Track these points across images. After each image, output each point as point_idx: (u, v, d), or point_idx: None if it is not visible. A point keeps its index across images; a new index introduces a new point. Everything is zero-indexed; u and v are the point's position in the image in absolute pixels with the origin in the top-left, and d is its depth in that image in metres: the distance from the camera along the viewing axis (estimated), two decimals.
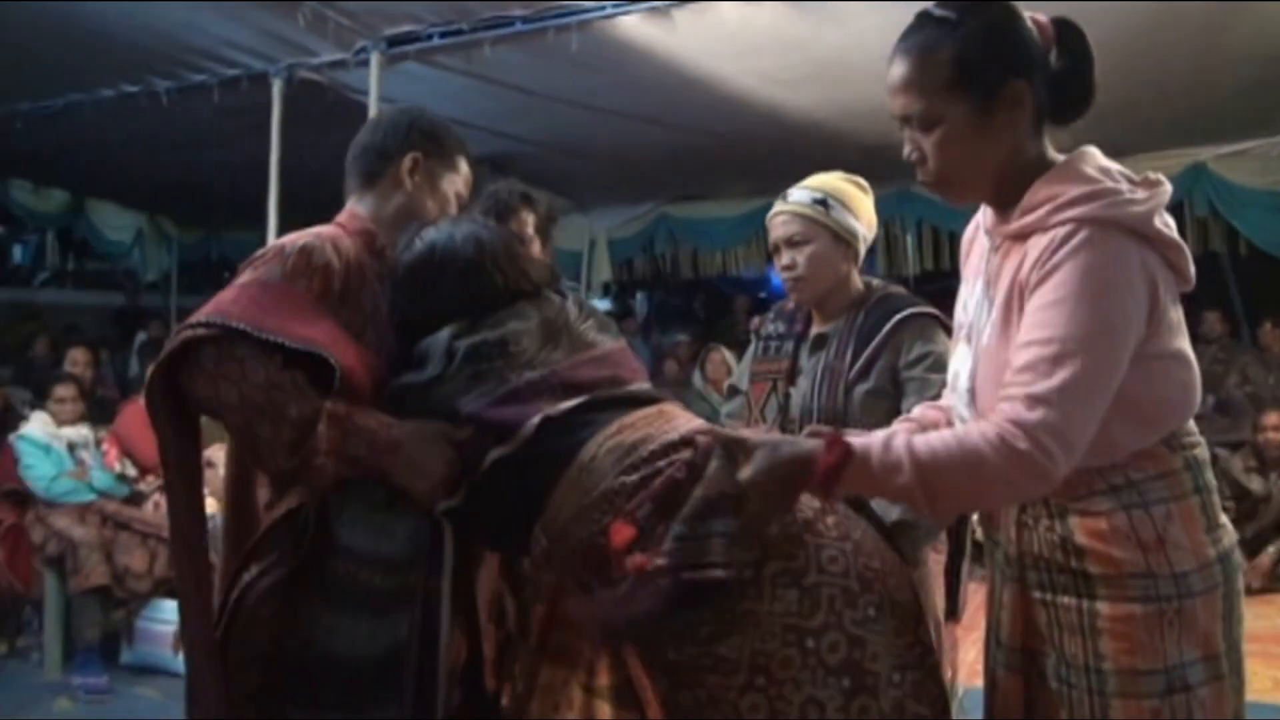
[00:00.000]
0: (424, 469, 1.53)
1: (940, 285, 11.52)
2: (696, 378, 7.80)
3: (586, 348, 1.66)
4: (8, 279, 11.05)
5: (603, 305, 10.31)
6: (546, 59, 4.98)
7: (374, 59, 5.10)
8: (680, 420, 1.58)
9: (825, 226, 2.28)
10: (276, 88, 5.40)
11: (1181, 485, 1.37)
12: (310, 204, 5.67)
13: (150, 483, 5.00)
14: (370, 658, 1.55)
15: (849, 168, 2.42)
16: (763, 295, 12.03)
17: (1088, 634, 1.36)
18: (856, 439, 1.35)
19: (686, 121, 5.95)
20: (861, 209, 2.36)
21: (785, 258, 2.31)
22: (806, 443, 1.37)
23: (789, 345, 2.42)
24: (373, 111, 5.19)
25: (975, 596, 5.05)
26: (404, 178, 1.80)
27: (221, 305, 1.46)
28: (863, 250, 2.35)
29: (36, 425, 4.91)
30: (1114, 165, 1.38)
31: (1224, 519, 1.42)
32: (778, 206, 2.36)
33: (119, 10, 4.70)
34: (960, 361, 1.52)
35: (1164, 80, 5.12)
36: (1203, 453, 1.42)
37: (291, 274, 1.55)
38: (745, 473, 1.36)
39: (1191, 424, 1.43)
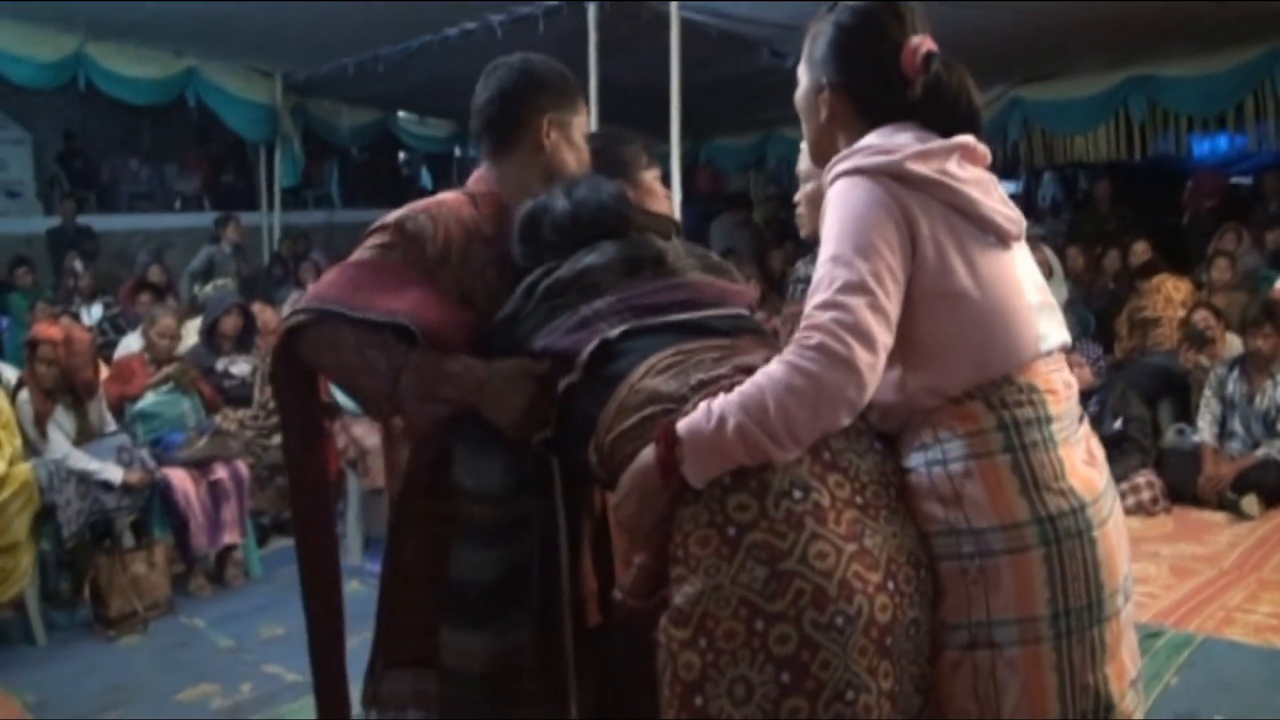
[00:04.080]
0: (507, 404, 1.63)
1: None
2: None
3: (669, 277, 1.65)
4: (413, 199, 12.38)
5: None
6: None
7: None
8: (748, 355, 1.49)
9: None
10: (591, 12, 5.75)
11: (987, 444, 1.38)
12: (633, 113, 5.97)
13: None
14: (490, 583, 1.72)
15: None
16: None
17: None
18: (682, 419, 1.36)
19: None
20: None
21: (798, 194, 2.15)
22: (649, 448, 1.39)
23: None
24: (674, 21, 5.40)
25: (1244, 542, 4.46)
26: (543, 140, 1.85)
27: (320, 290, 1.70)
28: None
29: None
30: (903, 136, 1.46)
31: (1065, 482, 1.38)
32: None
33: None
34: None
35: None
36: (1029, 413, 1.39)
37: (386, 247, 1.72)
38: (613, 501, 1.43)
39: (1033, 383, 1.41)
